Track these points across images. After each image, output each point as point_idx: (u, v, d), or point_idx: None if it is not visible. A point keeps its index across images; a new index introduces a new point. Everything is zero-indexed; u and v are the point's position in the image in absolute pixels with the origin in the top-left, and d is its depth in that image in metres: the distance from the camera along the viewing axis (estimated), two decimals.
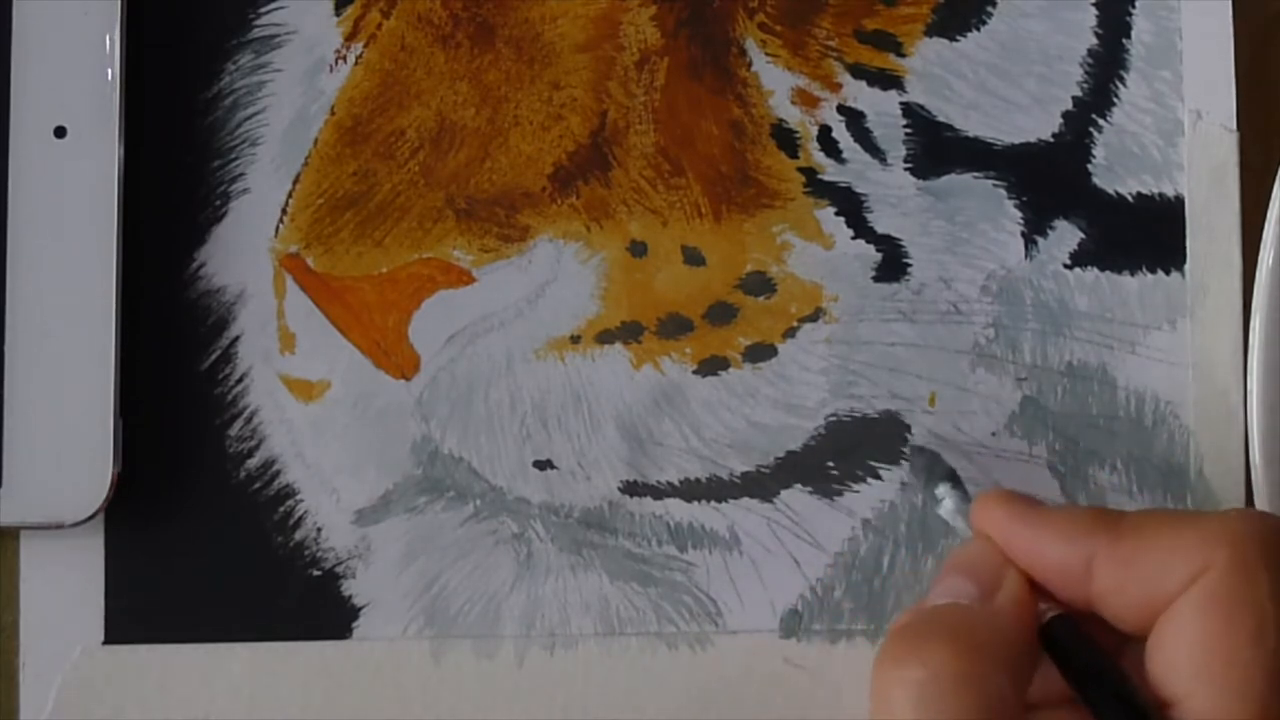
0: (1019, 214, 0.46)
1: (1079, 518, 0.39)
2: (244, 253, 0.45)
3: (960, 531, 0.42)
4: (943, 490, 0.43)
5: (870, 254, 0.46)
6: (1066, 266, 0.46)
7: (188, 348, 0.45)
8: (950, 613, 0.38)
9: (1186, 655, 0.36)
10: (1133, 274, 0.46)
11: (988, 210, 0.46)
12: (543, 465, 0.45)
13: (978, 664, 0.36)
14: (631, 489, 0.45)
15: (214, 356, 0.45)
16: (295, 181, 0.46)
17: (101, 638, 0.45)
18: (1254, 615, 0.36)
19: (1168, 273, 0.46)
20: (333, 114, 0.46)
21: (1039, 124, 0.46)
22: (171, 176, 0.46)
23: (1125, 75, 0.46)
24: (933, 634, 0.37)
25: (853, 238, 0.46)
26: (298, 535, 0.45)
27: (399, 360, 0.45)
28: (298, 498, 0.45)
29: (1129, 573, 0.37)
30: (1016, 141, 0.46)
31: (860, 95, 0.46)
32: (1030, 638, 0.38)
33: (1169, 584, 0.37)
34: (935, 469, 0.44)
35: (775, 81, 0.46)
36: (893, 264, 0.46)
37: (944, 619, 0.38)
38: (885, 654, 0.37)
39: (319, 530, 0.45)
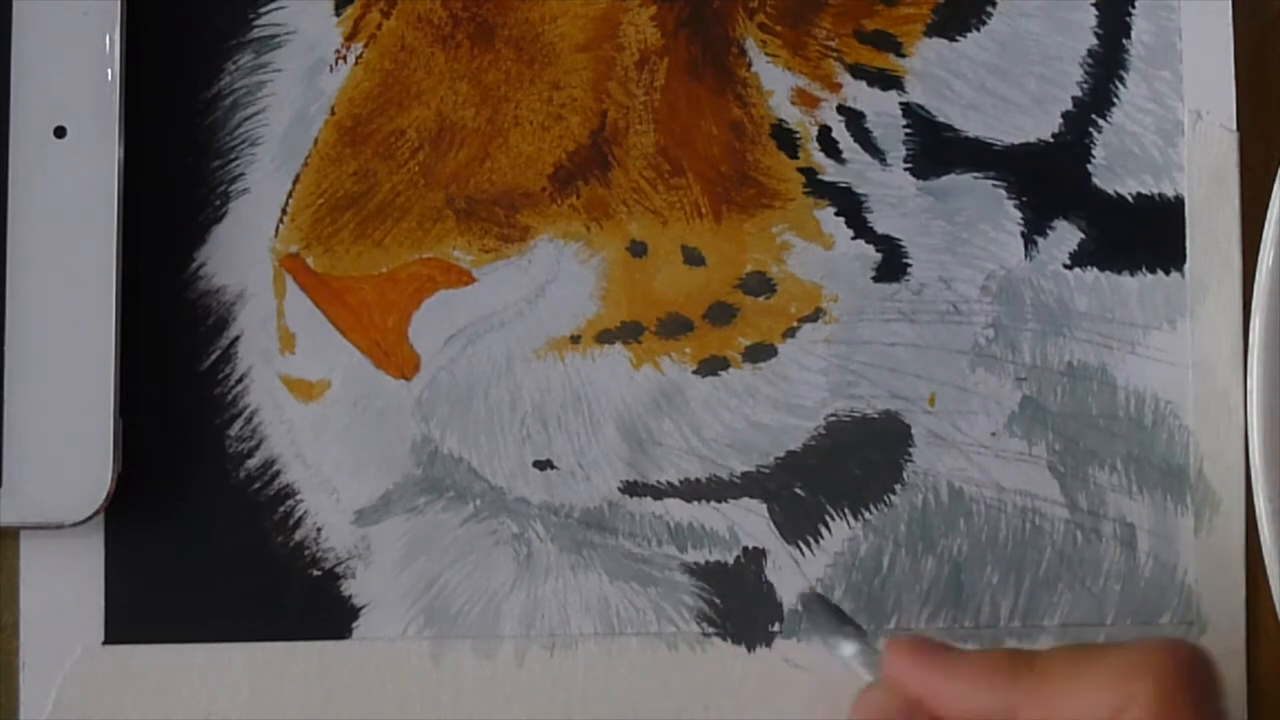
0: (1019, 214, 0.46)
1: (995, 663, 0.38)
2: (244, 253, 0.45)
3: (863, 676, 0.41)
4: (839, 639, 0.42)
5: (870, 254, 0.46)
6: (1066, 266, 0.46)
7: (188, 348, 0.45)
8: None
9: None
10: (1132, 274, 0.46)
11: (988, 210, 0.46)
12: (543, 465, 0.45)
13: None
14: (631, 489, 0.45)
15: (214, 356, 0.45)
16: (295, 181, 0.46)
17: (101, 638, 0.45)
18: None
19: (1167, 273, 0.46)
20: (333, 114, 0.46)
21: (1039, 124, 0.46)
22: (171, 176, 0.45)
23: (1125, 75, 0.46)
24: None
25: (853, 238, 0.46)
26: (298, 535, 0.45)
27: (399, 360, 0.45)
28: (298, 498, 0.45)
29: (1054, 715, 0.37)
30: (1016, 142, 0.46)
31: (860, 95, 0.46)
32: None
33: None
34: (826, 618, 0.43)
35: (775, 81, 0.46)
36: (893, 264, 0.46)
37: None
38: None
39: (319, 530, 0.45)
